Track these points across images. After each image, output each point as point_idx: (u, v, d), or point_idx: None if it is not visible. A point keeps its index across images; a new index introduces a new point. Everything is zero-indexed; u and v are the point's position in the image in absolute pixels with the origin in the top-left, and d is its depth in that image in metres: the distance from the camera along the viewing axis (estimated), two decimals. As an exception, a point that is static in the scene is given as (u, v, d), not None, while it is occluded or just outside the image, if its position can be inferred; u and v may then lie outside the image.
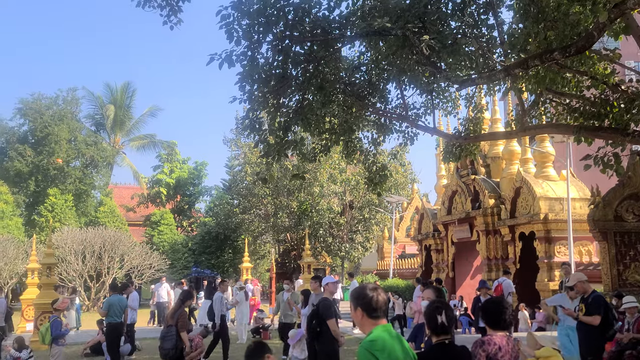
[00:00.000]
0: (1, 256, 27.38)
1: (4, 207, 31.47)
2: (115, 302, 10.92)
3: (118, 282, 27.86)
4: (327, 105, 8.96)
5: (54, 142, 34.50)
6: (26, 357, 10.20)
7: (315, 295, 9.34)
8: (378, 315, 3.16)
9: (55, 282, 16.54)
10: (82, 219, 35.30)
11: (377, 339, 3.05)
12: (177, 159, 44.38)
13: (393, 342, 3.08)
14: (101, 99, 46.83)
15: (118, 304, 11.01)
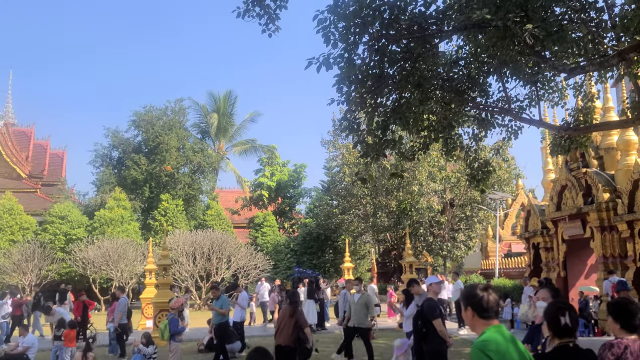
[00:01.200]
0: (122, 258, 29.57)
1: (123, 212, 33.96)
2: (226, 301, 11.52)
3: (226, 283, 29.18)
4: (425, 102, 8.84)
5: (164, 150, 36.81)
6: (152, 352, 10.94)
7: (419, 296, 9.25)
8: (489, 316, 3.08)
9: (170, 282, 17.57)
10: (192, 222, 37.29)
11: (490, 340, 2.98)
12: (277, 162, 45.64)
13: (507, 343, 2.99)
14: (205, 108, 49.28)
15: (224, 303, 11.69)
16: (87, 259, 29.25)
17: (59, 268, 31.65)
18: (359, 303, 11.08)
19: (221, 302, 11.72)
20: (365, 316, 11.05)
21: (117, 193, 34.79)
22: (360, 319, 11.02)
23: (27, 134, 48.92)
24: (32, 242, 31.03)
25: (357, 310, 11.02)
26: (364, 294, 11.47)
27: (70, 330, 11.60)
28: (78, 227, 33.70)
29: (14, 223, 33.53)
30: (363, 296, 11.27)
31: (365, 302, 11.15)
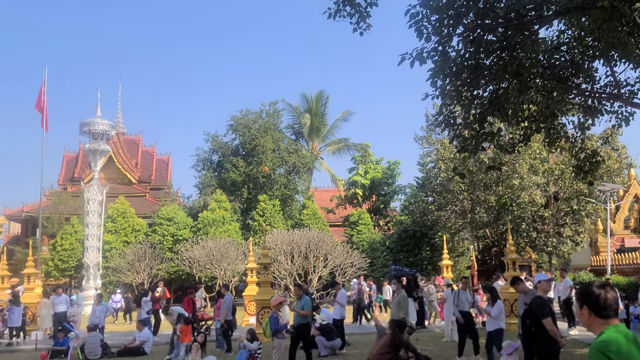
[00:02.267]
0: (224, 257, 30.85)
1: (224, 213, 35.43)
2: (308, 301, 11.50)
3: (324, 281, 29.59)
4: (525, 92, 8.46)
5: (260, 152, 37.98)
6: (257, 347, 11.32)
7: (524, 294, 8.88)
8: (608, 314, 2.90)
9: (270, 280, 18.08)
10: (289, 221, 38.15)
11: (610, 340, 2.79)
12: (371, 160, 45.57)
13: (629, 344, 2.79)
14: (298, 109, 50.22)
15: None
16: (193, 258, 30.79)
17: (167, 267, 33.60)
18: (394, 302, 11.40)
19: (303, 303, 11.39)
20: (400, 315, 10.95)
21: (218, 195, 36.33)
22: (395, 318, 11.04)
23: (136, 142, 52.34)
24: (143, 243, 33.19)
25: (393, 310, 11.26)
26: (400, 293, 11.46)
27: (186, 326, 12.21)
28: (184, 228, 35.61)
29: (127, 225, 36.03)
30: (398, 296, 11.30)
31: (399, 301, 11.20)
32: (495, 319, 10.39)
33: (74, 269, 34.88)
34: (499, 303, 10.63)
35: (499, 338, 10.22)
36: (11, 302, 17.28)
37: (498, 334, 10.28)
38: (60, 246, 35.19)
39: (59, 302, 18.16)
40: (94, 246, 29.73)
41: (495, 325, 10.37)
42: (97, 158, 29.95)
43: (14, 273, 30.63)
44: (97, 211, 29.66)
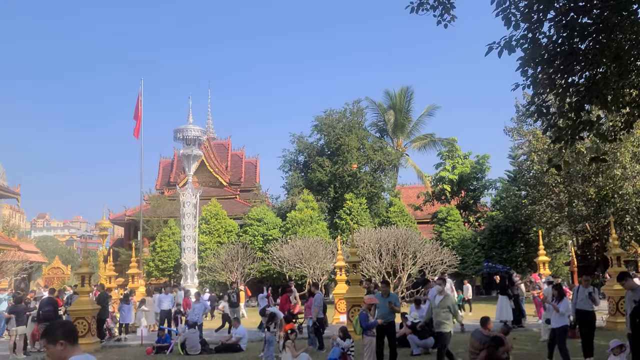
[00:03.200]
0: (313, 256, 31.26)
1: (312, 213, 35.92)
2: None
3: (413, 279, 29.20)
4: (625, 75, 7.92)
5: (346, 151, 38.14)
6: (349, 345, 11.40)
7: (632, 291, 8.34)
8: None
9: (359, 278, 18.11)
10: (376, 219, 38.03)
11: None
12: (458, 155, 44.44)
13: None
14: (382, 106, 49.92)
15: None
16: (283, 257, 31.44)
17: (259, 266, 34.54)
18: (439, 305, 10.04)
19: (393, 300, 11.23)
20: (446, 319, 9.99)
21: (306, 195, 36.88)
22: (441, 325, 10.01)
23: (225, 146, 54.26)
24: (236, 243, 34.34)
25: (438, 314, 10.03)
26: (447, 295, 10.34)
27: (288, 324, 12.49)
28: (273, 228, 36.48)
29: (220, 226, 37.46)
30: (445, 298, 10.16)
31: (448, 305, 10.02)
32: (562, 315, 10.34)
33: (173, 269, 36.72)
34: (565, 300, 10.55)
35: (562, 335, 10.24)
36: (122, 300, 18.46)
37: (562, 331, 10.29)
38: (160, 247, 37.18)
39: (165, 299, 19.21)
40: (190, 247, 31.12)
41: (561, 322, 10.34)
42: (191, 163, 31.33)
43: (120, 273, 32.71)
44: (192, 213, 31.04)
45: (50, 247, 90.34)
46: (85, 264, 16.59)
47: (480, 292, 38.28)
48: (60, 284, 43.53)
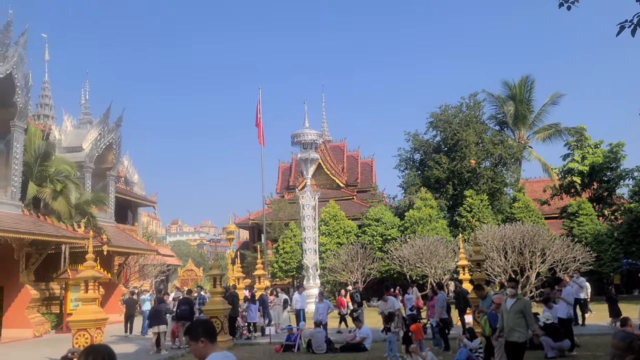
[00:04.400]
0: (434, 255, 30.66)
1: (430, 211, 35.26)
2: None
3: (542, 277, 27.58)
4: None
5: (463, 147, 37.00)
6: (477, 346, 11.04)
7: None
8: None
9: (484, 278, 17.44)
10: (499, 216, 36.47)
11: None
12: (588, 144, 41.26)
13: None
14: (500, 98, 47.76)
15: None
16: (402, 257, 31.17)
17: (378, 266, 34.54)
18: (512, 310, 8.64)
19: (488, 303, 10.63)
20: (521, 327, 8.53)
21: (423, 193, 36.30)
22: (512, 332, 8.57)
23: (341, 148, 54.94)
24: (355, 243, 34.63)
25: (510, 320, 8.62)
26: (520, 298, 8.88)
27: (416, 324, 12.36)
28: (391, 228, 36.30)
29: (339, 227, 37.97)
30: (518, 301, 8.72)
31: (522, 309, 8.58)
32: None
33: (295, 270, 37.83)
34: None
35: None
36: (248, 300, 19.33)
37: None
38: (282, 249, 38.49)
39: (299, 299, 19.87)
40: (311, 248, 31.87)
41: None
42: (308, 166, 32.09)
43: (247, 274, 34.31)
44: (311, 216, 31.77)
45: (183, 250, 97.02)
46: (215, 267, 17.56)
47: (620, 291, 35.25)
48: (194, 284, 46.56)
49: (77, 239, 23.78)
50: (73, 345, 13.21)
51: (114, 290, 29.71)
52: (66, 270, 24.02)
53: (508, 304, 8.74)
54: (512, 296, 8.83)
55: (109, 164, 31.75)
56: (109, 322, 17.43)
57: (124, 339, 20.03)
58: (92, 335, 13.33)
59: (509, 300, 8.78)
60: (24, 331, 21.40)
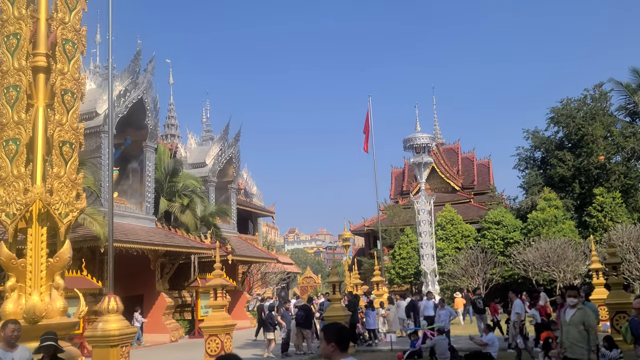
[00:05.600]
0: (561, 258, 28.83)
1: (556, 212, 33.21)
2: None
3: None
4: None
5: (590, 142, 34.54)
6: (616, 356, 10.22)
7: None
8: None
9: (621, 282, 16.10)
10: (634, 214, 33.55)
11: None
12: None
13: None
14: (630, 87, 43.94)
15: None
16: (527, 261, 29.67)
17: (501, 271, 33.10)
18: (572, 322, 7.41)
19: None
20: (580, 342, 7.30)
21: (547, 193, 34.32)
22: (573, 348, 7.35)
23: (455, 150, 53.53)
24: (474, 248, 33.48)
25: (569, 333, 7.43)
26: (581, 308, 7.56)
27: (547, 332, 11.76)
28: (513, 231, 34.68)
29: (456, 232, 36.95)
30: (580, 312, 7.44)
31: (583, 321, 7.33)
32: None
33: (413, 276, 37.32)
34: None
35: None
36: (367, 306, 19.39)
37: None
38: (399, 255, 38.17)
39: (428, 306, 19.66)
40: (428, 254, 31.26)
41: None
42: (422, 170, 31.59)
43: (364, 281, 34.42)
44: (427, 220, 31.19)
45: (301, 258, 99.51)
46: (334, 273, 17.81)
47: None
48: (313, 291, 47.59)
49: (204, 249, 25.28)
50: (206, 350, 14.03)
51: (239, 297, 31.13)
52: (196, 279, 25.56)
53: (567, 315, 7.63)
54: (573, 306, 7.63)
55: (230, 177, 33.42)
56: (237, 328, 18.27)
57: (251, 344, 20.91)
58: (222, 341, 14.06)
59: (568, 311, 7.66)
60: (161, 336, 23.06)
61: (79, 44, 7.57)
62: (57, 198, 7.05)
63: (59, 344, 6.09)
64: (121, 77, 23.52)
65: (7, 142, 7.04)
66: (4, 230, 7.43)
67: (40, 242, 6.96)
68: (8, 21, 7.25)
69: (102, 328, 9.40)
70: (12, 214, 6.90)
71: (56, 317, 6.99)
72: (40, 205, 6.91)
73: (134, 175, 24.92)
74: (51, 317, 6.92)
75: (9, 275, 6.95)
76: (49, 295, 6.98)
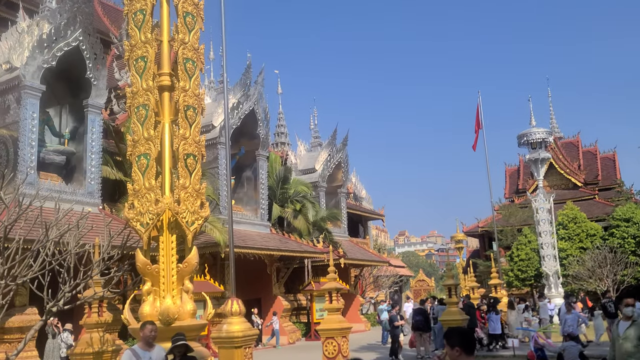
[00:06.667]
0: None
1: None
2: None
3: None
4: None
5: None
6: None
7: None
8: None
9: None
10: None
11: None
12: None
13: None
14: None
15: None
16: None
17: (633, 272, 30.51)
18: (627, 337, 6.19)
19: None
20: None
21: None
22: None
23: (574, 144, 50.27)
24: (602, 247, 31.14)
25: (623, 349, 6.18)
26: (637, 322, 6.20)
27: None
28: (646, 229, 31.88)
29: (580, 231, 34.61)
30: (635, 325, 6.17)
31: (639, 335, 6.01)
32: None
33: (533, 278, 35.44)
34: None
35: None
36: (489, 310, 18.70)
37: None
38: (517, 257, 36.43)
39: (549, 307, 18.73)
40: (550, 254, 29.51)
41: None
42: (539, 167, 29.96)
43: (480, 284, 33.24)
44: (547, 219, 29.49)
45: (412, 261, 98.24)
46: (449, 276, 17.36)
47: None
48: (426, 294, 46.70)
49: (317, 253, 25.76)
50: (323, 352, 14.25)
51: (352, 300, 31.34)
52: (310, 283, 26.10)
53: (620, 328, 6.52)
54: (627, 318, 6.50)
55: (339, 181, 33.80)
56: (352, 331, 18.41)
57: (366, 347, 20.97)
58: (339, 343, 14.21)
59: (621, 324, 6.55)
60: (280, 338, 23.78)
61: (198, 62, 8.05)
62: (184, 207, 7.52)
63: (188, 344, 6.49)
64: (234, 90, 24.67)
65: (139, 158, 7.64)
66: (138, 238, 8.04)
67: (171, 248, 7.46)
68: (136, 46, 7.88)
69: (227, 330, 9.86)
70: (145, 223, 7.46)
71: (187, 319, 7.44)
72: (170, 214, 7.40)
73: (248, 183, 25.98)
74: (183, 319, 7.37)
75: (145, 280, 7.52)
76: (180, 299, 7.45)
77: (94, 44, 19.10)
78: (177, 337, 6.46)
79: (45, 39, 17.74)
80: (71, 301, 10.66)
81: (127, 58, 8.00)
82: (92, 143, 19.07)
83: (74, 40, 18.41)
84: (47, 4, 19.79)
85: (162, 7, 8.08)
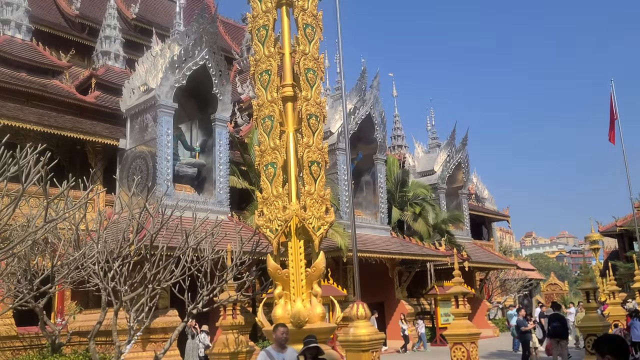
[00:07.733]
0: None
1: None
2: None
3: None
4: None
5: None
6: None
7: None
8: None
9: None
10: None
11: None
12: None
13: None
14: None
15: None
16: None
17: None
18: None
19: None
20: None
21: None
22: None
23: None
24: None
25: None
26: None
27: None
28: None
29: None
30: None
31: None
32: None
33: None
34: None
35: None
36: (632, 316, 17.19)
37: None
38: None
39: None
40: None
41: None
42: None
43: (621, 287, 30.58)
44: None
45: (541, 263, 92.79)
46: (586, 280, 16.18)
47: None
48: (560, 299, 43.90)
49: (439, 256, 25.22)
50: (451, 358, 13.88)
51: (479, 305, 30.25)
52: (433, 287, 25.59)
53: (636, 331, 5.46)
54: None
55: (460, 182, 32.84)
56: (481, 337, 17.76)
57: (497, 354, 20.15)
58: (467, 349, 13.77)
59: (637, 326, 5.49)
60: (402, 342, 23.55)
61: (318, 71, 8.26)
62: (310, 213, 7.73)
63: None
64: (350, 96, 24.93)
65: (266, 167, 7.99)
66: (266, 244, 8.40)
67: (299, 254, 7.70)
68: (260, 60, 8.26)
69: (353, 333, 9.94)
70: (274, 230, 7.77)
71: (317, 322, 7.63)
72: (297, 220, 7.65)
73: (367, 187, 26.07)
74: (313, 322, 7.57)
75: (276, 284, 7.83)
76: (309, 302, 7.66)
77: (219, 62, 20.10)
78: (309, 339, 6.63)
79: (176, 60, 19.04)
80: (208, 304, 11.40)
81: (252, 72, 8.41)
82: (220, 155, 20.20)
83: (201, 59, 19.47)
84: (176, 27, 21.38)
85: (283, 21, 8.39)
